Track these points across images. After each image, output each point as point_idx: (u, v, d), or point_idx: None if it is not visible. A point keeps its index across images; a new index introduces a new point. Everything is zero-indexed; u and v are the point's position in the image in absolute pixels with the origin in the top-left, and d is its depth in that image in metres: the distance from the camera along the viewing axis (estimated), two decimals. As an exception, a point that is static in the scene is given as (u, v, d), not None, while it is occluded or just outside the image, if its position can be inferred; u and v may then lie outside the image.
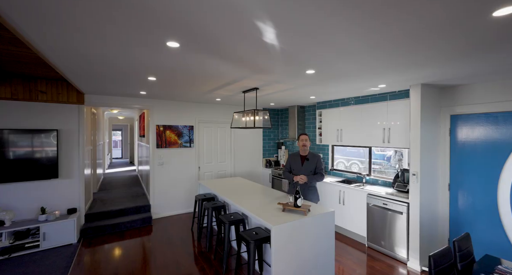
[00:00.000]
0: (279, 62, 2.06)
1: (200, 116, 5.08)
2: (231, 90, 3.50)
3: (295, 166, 3.16)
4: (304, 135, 3.14)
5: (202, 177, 5.13)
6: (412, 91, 2.96)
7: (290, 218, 2.35)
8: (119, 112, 8.23)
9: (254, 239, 2.33)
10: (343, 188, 3.82)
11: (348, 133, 4.08)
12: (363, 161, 4.80)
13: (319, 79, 2.74)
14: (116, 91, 3.66)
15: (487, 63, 2.06)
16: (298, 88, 3.29)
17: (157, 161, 4.58)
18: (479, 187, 2.86)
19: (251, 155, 5.83)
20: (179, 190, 4.84)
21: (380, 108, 3.57)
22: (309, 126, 5.36)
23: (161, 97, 4.22)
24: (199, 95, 3.95)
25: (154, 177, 4.56)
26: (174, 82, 2.98)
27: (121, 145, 13.19)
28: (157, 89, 3.44)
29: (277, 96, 3.99)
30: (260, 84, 3.07)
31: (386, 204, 3.21)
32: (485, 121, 2.82)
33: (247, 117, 3.54)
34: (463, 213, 2.99)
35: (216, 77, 2.66)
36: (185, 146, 4.87)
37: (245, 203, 2.88)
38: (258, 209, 2.63)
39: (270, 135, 6.17)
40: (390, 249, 3.19)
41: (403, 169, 3.34)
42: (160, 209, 4.64)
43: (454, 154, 3.07)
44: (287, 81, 2.85)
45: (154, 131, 4.56)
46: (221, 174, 5.39)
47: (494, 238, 2.75)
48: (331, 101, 4.42)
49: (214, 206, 3.37)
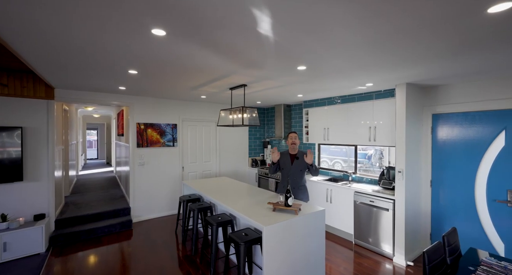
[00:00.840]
0: (271, 56, 1.99)
1: (184, 114, 4.88)
2: (218, 87, 3.37)
3: (284, 164, 3.10)
4: (293, 133, 3.09)
5: (186, 177, 4.94)
6: (398, 90, 3.03)
7: (281, 218, 2.28)
8: (95, 110, 7.73)
9: (244, 241, 2.23)
10: (330, 186, 3.84)
11: (335, 131, 4.11)
12: (345, 160, 4.88)
13: (310, 76, 2.70)
14: (91, 86, 3.37)
15: (475, 62, 2.11)
16: (287, 86, 3.25)
17: (137, 161, 4.32)
18: (458, 184, 2.99)
19: (237, 155, 5.72)
20: (161, 191, 4.61)
21: (366, 107, 3.63)
22: (295, 125, 5.36)
23: (143, 93, 3.98)
24: (184, 91, 3.77)
25: (134, 178, 4.30)
26: (158, 77, 2.80)
27: (97, 145, 12.44)
28: (139, 84, 3.22)
29: (264, 94, 3.92)
30: (248, 81, 2.98)
31: (372, 201, 3.26)
32: (463, 120, 2.95)
33: (234, 115, 3.43)
34: (444, 208, 3.12)
35: (205, 71, 2.52)
36: (168, 145, 4.65)
37: (233, 203, 2.77)
38: (248, 210, 2.54)
39: (256, 134, 6.10)
40: (376, 246, 3.24)
41: (388, 166, 3.42)
42: (141, 211, 4.39)
43: (435, 151, 3.19)
44: (277, 78, 2.79)
45: (135, 129, 4.29)
46: (206, 174, 5.22)
47: (472, 232, 2.89)
48: (318, 100, 4.44)
49: (200, 207, 3.22)
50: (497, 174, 2.70)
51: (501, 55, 1.92)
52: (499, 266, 1.63)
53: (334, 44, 1.73)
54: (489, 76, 2.61)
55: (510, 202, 2.62)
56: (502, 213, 2.67)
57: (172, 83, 3.17)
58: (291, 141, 3.05)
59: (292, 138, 3.05)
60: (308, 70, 2.42)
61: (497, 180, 2.69)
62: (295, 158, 3.06)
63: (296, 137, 3.06)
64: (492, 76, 2.59)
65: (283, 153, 3.18)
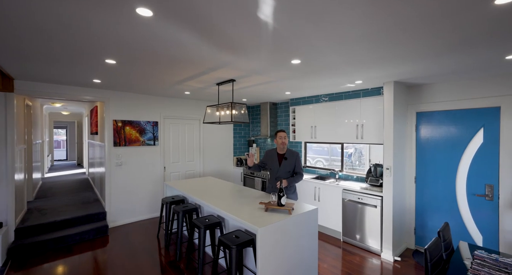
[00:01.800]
0: (267, 46, 1.87)
1: (166, 111, 4.60)
2: (205, 82, 3.19)
3: (272, 165, 2.99)
4: (282, 132, 2.97)
5: (168, 178, 4.66)
6: (386, 88, 3.07)
7: (275, 219, 2.18)
8: (64, 106, 7.08)
9: (236, 244, 2.10)
10: (318, 184, 3.82)
11: (322, 129, 4.10)
12: (327, 158, 4.92)
13: (302, 72, 2.63)
14: (59, 77, 3.02)
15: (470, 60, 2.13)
16: (276, 82, 3.15)
17: (114, 161, 3.98)
18: (440, 179, 3.11)
19: (221, 154, 5.54)
20: (141, 193, 4.30)
21: (353, 105, 3.66)
22: (281, 123, 5.31)
23: (121, 87, 3.66)
24: (167, 86, 3.53)
25: (110, 179, 3.95)
26: (140, 68, 2.56)
27: (67, 145, 11.48)
28: (117, 77, 2.94)
29: (252, 90, 3.80)
30: (237, 75, 2.84)
31: (360, 198, 3.29)
32: (446, 118, 3.07)
33: (221, 111, 3.27)
34: (427, 203, 3.22)
35: (193, 62, 2.34)
36: (149, 144, 4.35)
37: (222, 204, 2.62)
38: (238, 210, 2.40)
39: (241, 133, 5.96)
40: (364, 242, 3.27)
41: (375, 164, 3.47)
42: (119, 216, 4.05)
43: (419, 149, 3.28)
44: (269, 72, 2.68)
45: (111, 127, 3.95)
46: (189, 174, 4.98)
47: (453, 225, 3.01)
48: (305, 97, 4.41)
49: (185, 209, 3.02)
50: (476, 169, 2.83)
51: (493, 52, 1.98)
52: (491, 259, 1.67)
53: (333, 36, 1.66)
54: (470, 76, 2.72)
55: (487, 196, 2.76)
56: (480, 206, 2.80)
57: (156, 77, 2.93)
58: (281, 141, 2.93)
59: (282, 137, 2.93)
60: (302, 65, 2.34)
61: (476, 175, 2.82)
62: (283, 158, 2.95)
63: (285, 136, 2.95)
64: (473, 76, 2.71)
65: (270, 151, 3.07)
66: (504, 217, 2.63)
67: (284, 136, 2.94)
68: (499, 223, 2.67)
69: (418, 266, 2.89)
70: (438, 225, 3.12)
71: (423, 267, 2.87)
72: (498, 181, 2.68)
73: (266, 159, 3.07)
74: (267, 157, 3.06)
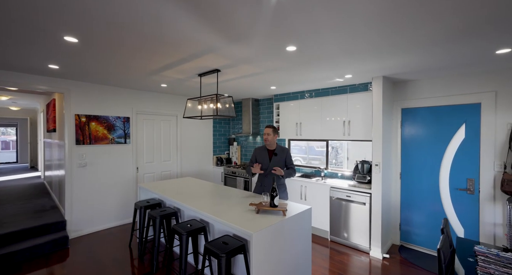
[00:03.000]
0: (265, 25, 1.65)
1: (139, 106, 4.15)
2: (185, 72, 2.87)
3: (262, 161, 2.80)
4: (267, 128, 2.78)
5: (142, 179, 4.21)
6: (374, 84, 3.04)
7: (269, 221, 1.97)
8: (12, 101, 6.12)
9: (226, 252, 1.85)
10: (305, 183, 3.70)
11: (308, 126, 4.00)
12: (305, 157, 4.86)
13: (294, 63, 2.46)
14: (4, 61, 2.49)
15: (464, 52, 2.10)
16: (265, 74, 2.95)
17: (76, 162, 3.46)
18: (424, 175, 3.16)
19: (201, 153, 5.19)
20: (111, 198, 3.80)
21: (340, 101, 3.60)
22: (264, 121, 5.13)
23: (85, 77, 3.17)
24: (141, 77, 3.13)
25: (72, 183, 3.42)
26: (108, 50, 2.17)
27: (17, 146, 10.10)
28: (80, 61, 2.50)
29: (236, 84, 3.55)
30: (223, 65, 2.58)
31: (349, 196, 3.22)
32: (430, 114, 3.12)
33: (204, 105, 2.98)
34: (412, 199, 3.26)
35: (173, 44, 2.03)
36: (119, 142, 3.87)
37: (206, 206, 2.35)
38: (226, 213, 2.15)
39: (221, 131, 5.66)
40: (353, 241, 3.20)
41: (362, 160, 3.44)
42: (83, 224, 3.53)
43: (404, 145, 3.32)
44: (259, 61, 2.46)
45: (73, 122, 3.42)
46: (165, 175, 4.56)
47: (436, 220, 3.07)
48: (289, 93, 4.28)
49: (163, 214, 2.68)
50: (458, 164, 2.91)
51: (486, 43, 1.99)
52: (492, 254, 1.64)
53: (341, 16, 1.50)
54: (457, 72, 2.78)
55: (469, 190, 2.85)
56: (462, 200, 2.89)
57: (127, 62, 2.54)
58: (264, 137, 2.77)
59: (265, 134, 2.76)
60: (297, 53, 2.16)
61: (459, 170, 2.90)
62: (274, 154, 2.78)
63: (269, 132, 2.75)
64: (460, 72, 2.77)
65: (260, 148, 2.88)
66: (484, 209, 2.73)
67: (268, 132, 2.75)
68: (480, 216, 2.76)
69: (406, 262, 2.89)
70: (422, 220, 3.17)
71: (411, 263, 2.88)
72: (478, 175, 2.77)
73: (256, 155, 2.86)
74: (257, 153, 2.86)
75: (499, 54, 2.08)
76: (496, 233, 2.67)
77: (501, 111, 2.63)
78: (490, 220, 2.69)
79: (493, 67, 2.55)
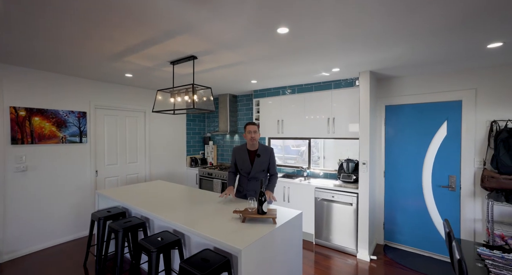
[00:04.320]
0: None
1: (99, 100, 3.57)
2: (154, 58, 2.45)
3: (243, 165, 2.45)
4: (252, 125, 2.40)
5: (102, 185, 3.63)
6: (361, 79, 2.92)
7: (257, 232, 1.68)
8: None
9: (207, 272, 1.51)
10: (288, 183, 3.48)
11: (290, 124, 3.79)
12: (281, 157, 4.68)
13: (283, 49, 2.20)
14: None
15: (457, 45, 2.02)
16: (247, 64, 2.65)
17: (12, 165, 2.81)
18: (408, 173, 3.13)
19: (173, 153, 4.71)
20: (61, 208, 3.18)
21: (324, 97, 3.44)
22: (242, 118, 4.82)
23: (21, 60, 2.56)
24: (99, 62, 2.62)
25: (5, 193, 2.77)
26: (51, 18, 1.69)
27: None
28: (14, 37, 1.95)
29: (214, 76, 3.20)
30: (201, 50, 2.23)
31: (334, 196, 3.07)
32: (413, 111, 3.10)
33: (178, 97, 2.59)
34: (395, 198, 3.22)
35: (142, 16, 1.64)
36: (72, 141, 3.26)
37: (181, 216, 1.98)
38: (206, 224, 1.82)
39: (195, 129, 5.22)
40: (339, 243, 3.06)
41: (347, 159, 3.32)
42: (20, 243, 2.88)
43: (388, 142, 3.27)
44: (244, 46, 2.16)
45: (7, 117, 2.76)
46: (131, 179, 4.01)
47: (419, 218, 3.05)
48: (270, 89, 4.03)
49: (127, 226, 2.24)
50: (440, 162, 2.91)
51: (480, 35, 1.92)
52: (497, 257, 1.55)
53: None
54: (438, 70, 2.77)
55: (451, 187, 2.86)
56: (444, 197, 2.89)
57: (79, 41, 2.05)
58: (250, 136, 2.39)
59: (251, 132, 2.39)
60: (289, 36, 1.88)
61: (441, 167, 2.91)
62: (256, 155, 2.44)
63: (256, 130, 2.42)
64: (440, 69, 2.76)
65: (239, 148, 2.52)
66: (465, 206, 2.76)
67: (254, 130, 2.41)
68: (460, 212, 2.79)
69: (393, 263, 2.81)
70: (405, 219, 3.14)
71: (398, 263, 2.81)
72: (460, 172, 2.79)
73: (235, 157, 2.53)
74: (236, 155, 2.52)
75: (490, 48, 2.05)
76: (476, 228, 2.71)
77: (481, 109, 2.66)
78: (471, 216, 2.73)
79: (475, 65, 2.57)
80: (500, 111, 2.56)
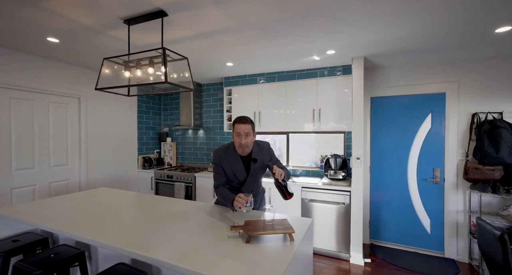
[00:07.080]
0: None
1: (3, 78, 2.44)
2: (97, 8, 1.65)
3: (235, 174, 1.74)
4: (242, 124, 1.62)
5: (8, 198, 2.50)
6: (354, 65, 2.66)
7: (275, 257, 1.15)
8: None
9: None
10: (270, 184, 3.01)
11: (269, 116, 3.34)
12: None
13: (284, 13, 1.71)
14: None
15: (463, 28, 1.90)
16: (232, 32, 2.06)
17: None
18: (393, 167, 3.03)
19: (120, 152, 3.73)
20: None
21: (308, 86, 3.10)
22: (208, 110, 4.16)
23: None
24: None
25: None
26: None
27: None
28: None
29: (186, 50, 2.49)
30: (174, 1, 1.56)
31: (323, 196, 2.74)
32: (398, 103, 3.01)
33: (137, 71, 1.84)
34: (381, 193, 3.08)
35: None
36: (-50, 134, 2.10)
37: (149, 239, 1.29)
38: (194, 253, 1.19)
39: (148, 123, 4.30)
40: (329, 248, 2.74)
41: (334, 154, 3.03)
42: None
43: (373, 135, 3.12)
44: (235, 1, 1.59)
45: None
46: (59, 188, 2.93)
47: (404, 212, 2.97)
48: (245, 76, 3.51)
49: (51, 263, 1.41)
50: (425, 155, 2.88)
51: (489, 18, 1.80)
52: None
53: None
54: (423, 60, 2.70)
55: (435, 180, 2.85)
56: (429, 190, 2.87)
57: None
58: (239, 142, 1.63)
59: (241, 136, 1.61)
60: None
61: (425, 160, 2.88)
62: (251, 160, 1.74)
63: (248, 132, 1.63)
64: (425, 60, 2.71)
65: (226, 153, 1.75)
66: (448, 198, 2.76)
67: (246, 131, 1.61)
68: (444, 205, 2.79)
69: (386, 264, 2.63)
70: (391, 215, 3.03)
71: (391, 264, 2.63)
72: (443, 165, 2.79)
73: (223, 167, 1.75)
74: (224, 164, 1.74)
75: (498, 33, 1.98)
76: (458, 220, 2.73)
77: (463, 101, 2.70)
78: (454, 208, 2.74)
79: (458, 56, 2.56)
80: (481, 104, 2.63)
